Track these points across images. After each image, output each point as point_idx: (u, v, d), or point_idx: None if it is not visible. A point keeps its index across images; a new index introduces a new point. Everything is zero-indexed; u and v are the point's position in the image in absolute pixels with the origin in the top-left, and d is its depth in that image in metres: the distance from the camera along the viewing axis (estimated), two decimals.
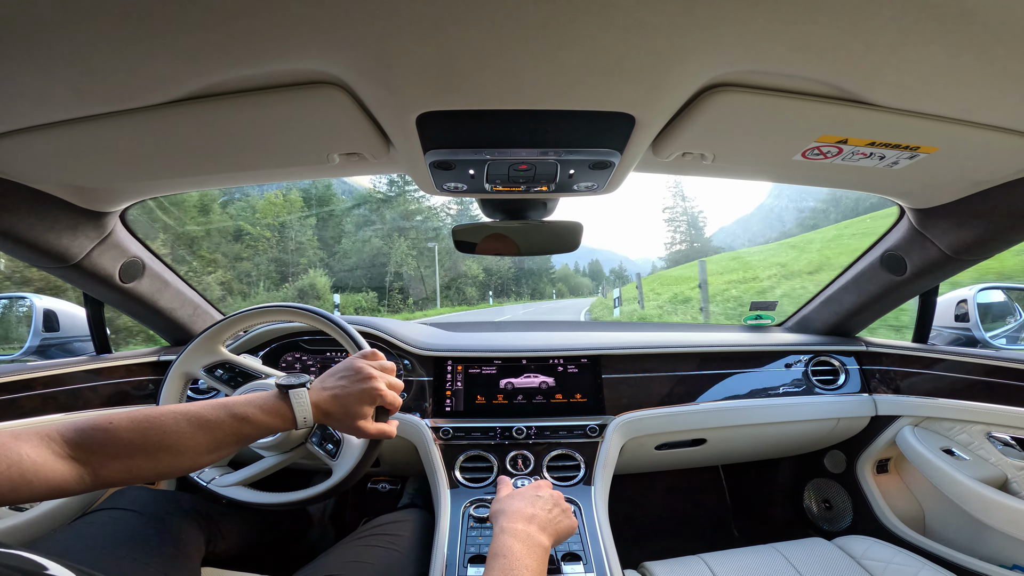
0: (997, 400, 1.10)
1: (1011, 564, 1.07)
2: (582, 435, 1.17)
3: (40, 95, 0.52)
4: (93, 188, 0.86)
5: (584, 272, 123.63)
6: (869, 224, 17.75)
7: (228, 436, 0.63)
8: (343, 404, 0.71)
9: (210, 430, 0.61)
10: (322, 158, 0.73)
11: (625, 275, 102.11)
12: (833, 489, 1.52)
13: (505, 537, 0.67)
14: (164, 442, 0.58)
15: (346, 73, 0.51)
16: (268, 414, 0.67)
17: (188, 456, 0.60)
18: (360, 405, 0.71)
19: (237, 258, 29.47)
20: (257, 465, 0.95)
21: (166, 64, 0.48)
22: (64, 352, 1.38)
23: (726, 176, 0.87)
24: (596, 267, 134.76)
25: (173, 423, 0.59)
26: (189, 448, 0.60)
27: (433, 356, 1.26)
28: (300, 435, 0.94)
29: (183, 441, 0.59)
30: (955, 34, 0.43)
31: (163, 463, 0.59)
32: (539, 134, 0.63)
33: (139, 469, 0.57)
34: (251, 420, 0.65)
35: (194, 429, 0.60)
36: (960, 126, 0.61)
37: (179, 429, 0.59)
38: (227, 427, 0.63)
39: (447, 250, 38.38)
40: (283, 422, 0.68)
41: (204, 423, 0.61)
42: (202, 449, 0.61)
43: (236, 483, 0.93)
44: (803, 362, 1.37)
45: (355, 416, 0.71)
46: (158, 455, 0.58)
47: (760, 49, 0.46)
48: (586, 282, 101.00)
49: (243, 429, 0.64)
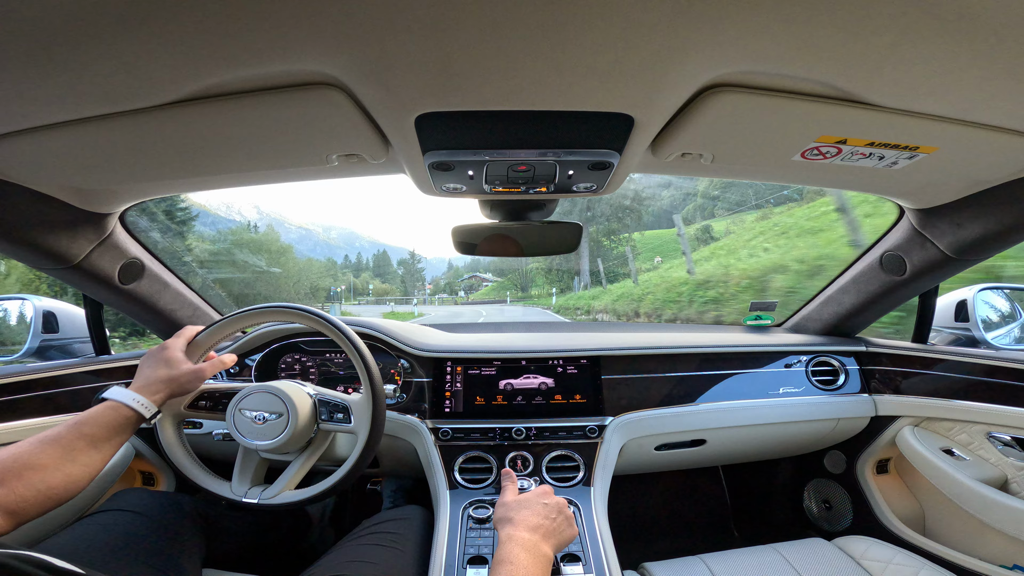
0: (997, 400, 1.10)
1: (1011, 564, 1.07)
2: (581, 436, 1.16)
3: (40, 96, 0.52)
4: (92, 189, 0.86)
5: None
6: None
7: (74, 441, 0.69)
8: (154, 366, 0.83)
9: (55, 441, 0.68)
10: (321, 159, 0.73)
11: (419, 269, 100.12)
12: (833, 489, 1.52)
13: (511, 545, 0.68)
14: (20, 461, 0.64)
15: (344, 74, 0.51)
16: (100, 409, 0.74)
17: (50, 469, 0.65)
18: (163, 354, 0.85)
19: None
20: (289, 470, 0.96)
21: (165, 65, 0.48)
22: (64, 353, 1.38)
23: (726, 176, 0.87)
24: (384, 259, 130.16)
25: (21, 446, 0.66)
26: (47, 462, 0.66)
27: (432, 357, 1.26)
28: (307, 426, 0.94)
29: (36, 458, 0.65)
30: (954, 34, 0.43)
31: (33, 480, 0.64)
32: (538, 135, 0.63)
33: (17, 490, 0.62)
34: (85, 420, 0.72)
35: (42, 445, 0.67)
36: (959, 126, 0.61)
37: (29, 448, 0.66)
38: (68, 434, 0.69)
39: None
40: (116, 411, 0.75)
41: (48, 438, 0.68)
42: (59, 459, 0.67)
43: (281, 491, 0.94)
44: (803, 362, 1.37)
45: (173, 363, 0.84)
46: (24, 474, 0.63)
47: (759, 49, 0.46)
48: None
49: (83, 430, 0.71)
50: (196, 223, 33.39)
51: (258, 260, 28.48)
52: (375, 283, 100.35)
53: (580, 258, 25.21)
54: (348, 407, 0.96)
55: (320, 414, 0.96)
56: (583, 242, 20.53)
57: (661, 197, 37.65)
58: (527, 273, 44.02)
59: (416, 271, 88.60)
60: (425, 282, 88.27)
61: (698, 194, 29.36)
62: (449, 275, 66.72)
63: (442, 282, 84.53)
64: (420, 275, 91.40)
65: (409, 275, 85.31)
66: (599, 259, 24.93)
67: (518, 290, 46.36)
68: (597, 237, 27.85)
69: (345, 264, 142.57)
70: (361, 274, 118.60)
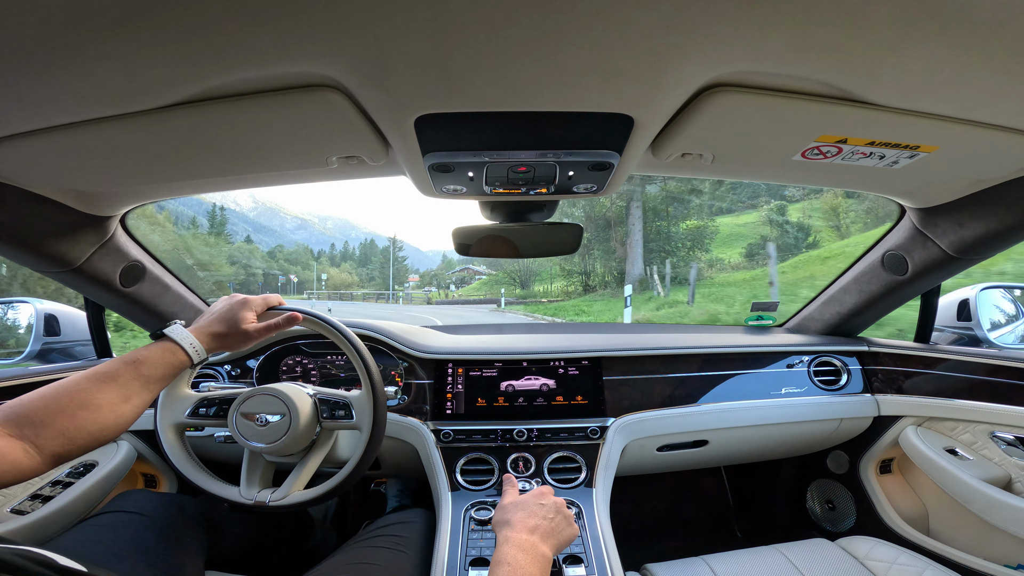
0: (1000, 400, 1.09)
1: (1016, 564, 1.06)
2: (583, 437, 1.16)
3: (40, 99, 0.52)
4: (93, 192, 0.86)
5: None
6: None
7: (130, 381, 0.68)
8: (222, 319, 0.80)
9: (112, 380, 0.66)
10: (320, 161, 0.73)
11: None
12: (836, 490, 1.51)
13: (509, 547, 0.68)
14: (76, 400, 0.62)
15: (344, 76, 0.51)
16: (157, 350, 0.72)
17: (104, 409, 0.64)
18: (240, 311, 0.81)
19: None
20: (296, 471, 0.96)
21: (164, 68, 0.48)
22: (65, 356, 1.38)
23: (726, 176, 0.87)
24: (370, 248, 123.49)
25: (75, 384, 0.64)
26: (103, 402, 0.64)
27: (434, 359, 1.25)
28: (309, 426, 0.94)
29: (92, 397, 0.64)
30: (953, 32, 0.43)
31: (86, 420, 0.62)
32: (538, 136, 0.63)
33: (68, 431, 0.60)
34: (143, 360, 0.70)
35: (99, 384, 0.65)
36: (960, 125, 0.61)
37: (86, 386, 0.64)
38: (126, 373, 0.68)
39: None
40: (173, 354, 0.73)
41: (104, 376, 0.66)
42: (115, 399, 0.65)
43: (291, 492, 0.94)
44: (805, 363, 1.37)
45: (239, 321, 0.80)
46: (77, 413, 0.62)
47: (758, 49, 0.46)
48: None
49: (141, 370, 0.69)
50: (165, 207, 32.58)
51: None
52: (331, 272, 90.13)
53: (631, 253, 17.35)
54: (349, 403, 0.96)
55: (321, 412, 0.96)
56: (636, 233, 17.06)
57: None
58: (527, 267, 33.61)
59: (397, 260, 75.52)
60: (409, 273, 79.49)
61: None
62: (442, 267, 59.27)
63: (430, 275, 76.32)
64: (402, 265, 79.43)
65: (388, 265, 73.84)
66: (666, 259, 17.33)
67: (517, 286, 35.79)
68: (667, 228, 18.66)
69: (332, 253, 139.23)
70: (341, 264, 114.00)
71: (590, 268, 22.35)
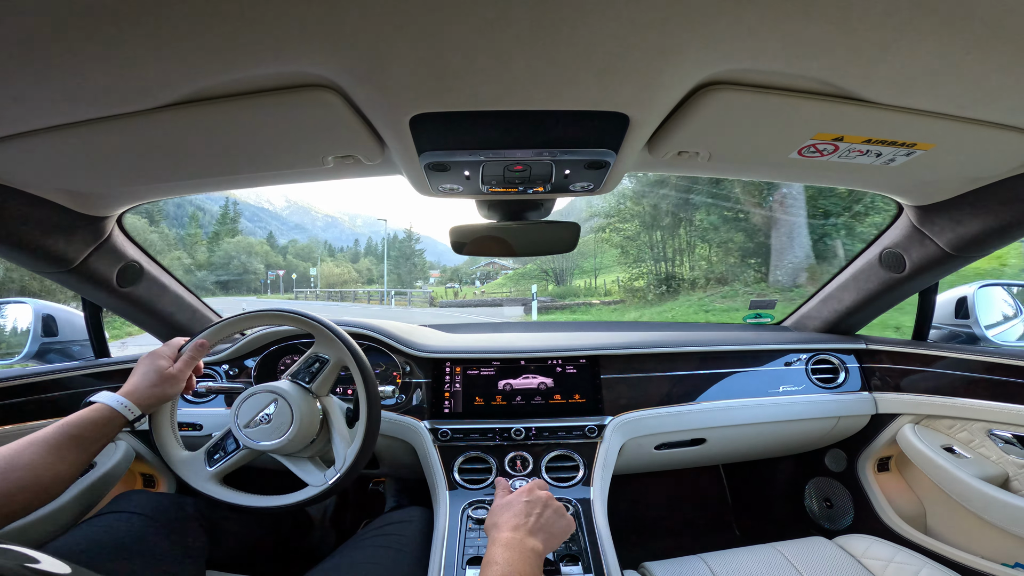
0: (998, 398, 1.09)
1: (1013, 562, 1.06)
2: (581, 436, 1.16)
3: (34, 100, 0.52)
4: (89, 193, 0.86)
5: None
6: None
7: (61, 440, 0.71)
8: (144, 374, 0.85)
9: (43, 441, 0.70)
10: (316, 161, 0.73)
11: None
12: (834, 488, 1.52)
13: (496, 547, 0.69)
14: (8, 462, 0.66)
15: (338, 76, 0.50)
16: (89, 414, 0.76)
17: (39, 467, 0.67)
18: (156, 361, 0.87)
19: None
20: (340, 446, 0.98)
21: (159, 68, 0.48)
22: (63, 356, 1.38)
23: (722, 175, 0.87)
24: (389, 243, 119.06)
25: (14, 446, 0.67)
26: (36, 461, 0.67)
27: (431, 358, 1.25)
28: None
29: (26, 458, 0.67)
30: (949, 30, 0.43)
31: (23, 478, 0.65)
32: (534, 135, 0.63)
33: (5, 488, 0.63)
34: (73, 421, 0.74)
35: (31, 445, 0.68)
36: (956, 122, 0.61)
37: (18, 449, 0.67)
38: (56, 433, 0.71)
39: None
40: (100, 414, 0.77)
41: (37, 439, 0.69)
42: (47, 458, 0.69)
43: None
44: (803, 361, 1.37)
45: (159, 370, 0.86)
46: (11, 473, 0.64)
47: (754, 46, 0.46)
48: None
49: (69, 431, 0.73)
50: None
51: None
52: (326, 266, 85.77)
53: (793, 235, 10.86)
54: (326, 359, 0.99)
55: (303, 378, 0.98)
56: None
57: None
58: (562, 257, 21.89)
59: (414, 254, 69.99)
60: (428, 268, 70.20)
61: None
62: (467, 261, 52.19)
63: (450, 270, 69.68)
64: (419, 258, 71.57)
65: (405, 259, 67.39)
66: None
67: (550, 281, 27.64)
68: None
69: (355, 249, 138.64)
70: (361, 259, 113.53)
71: (670, 249, 14.63)
